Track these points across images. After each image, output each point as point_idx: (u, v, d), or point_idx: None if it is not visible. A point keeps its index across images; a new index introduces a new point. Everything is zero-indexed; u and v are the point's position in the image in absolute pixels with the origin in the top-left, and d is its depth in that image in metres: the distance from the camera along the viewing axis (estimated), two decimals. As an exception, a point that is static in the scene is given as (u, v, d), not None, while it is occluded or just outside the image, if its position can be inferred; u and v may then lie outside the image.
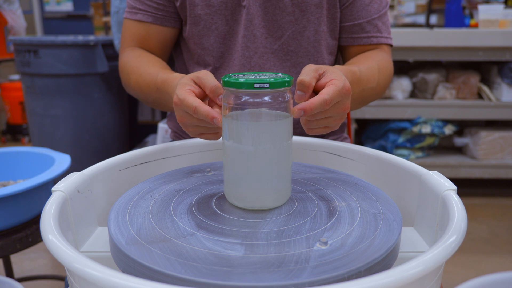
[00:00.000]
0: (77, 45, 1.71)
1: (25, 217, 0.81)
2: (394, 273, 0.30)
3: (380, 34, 0.81)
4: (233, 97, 0.46)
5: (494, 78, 2.15)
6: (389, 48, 0.84)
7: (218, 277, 0.34)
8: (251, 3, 0.77)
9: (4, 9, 3.09)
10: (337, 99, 0.51)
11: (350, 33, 0.82)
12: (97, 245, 0.49)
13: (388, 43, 0.83)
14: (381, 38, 0.81)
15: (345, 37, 0.83)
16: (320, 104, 0.49)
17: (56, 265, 1.59)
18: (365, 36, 0.81)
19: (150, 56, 0.82)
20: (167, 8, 0.81)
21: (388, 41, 0.83)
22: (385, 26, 0.82)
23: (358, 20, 0.80)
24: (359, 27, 0.81)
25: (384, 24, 0.82)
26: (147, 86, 0.75)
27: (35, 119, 1.82)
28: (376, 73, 0.75)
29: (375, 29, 0.81)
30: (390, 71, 0.82)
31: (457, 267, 1.59)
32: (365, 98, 0.76)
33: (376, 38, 0.81)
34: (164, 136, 1.69)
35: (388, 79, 0.81)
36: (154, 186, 0.55)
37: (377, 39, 0.81)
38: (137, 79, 0.77)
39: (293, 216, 0.46)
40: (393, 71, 0.83)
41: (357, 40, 0.82)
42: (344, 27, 0.82)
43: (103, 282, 0.30)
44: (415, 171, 0.54)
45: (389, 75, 0.81)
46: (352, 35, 0.82)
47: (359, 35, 0.81)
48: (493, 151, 2.14)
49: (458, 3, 2.48)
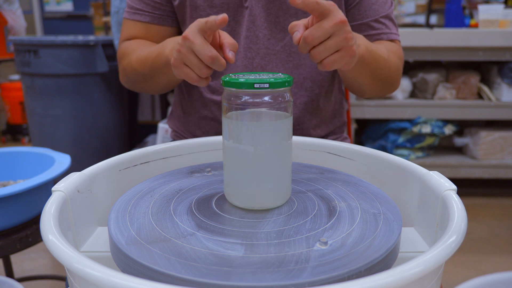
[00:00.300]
0: (77, 45, 1.71)
1: (25, 217, 0.81)
2: (394, 273, 0.30)
3: (389, 31, 0.82)
4: (233, 97, 0.46)
5: (494, 78, 2.15)
6: (399, 43, 0.85)
7: (218, 277, 0.34)
8: (253, 4, 0.77)
9: (4, 9, 3.09)
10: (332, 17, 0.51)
11: (358, 31, 0.81)
12: (97, 245, 0.49)
13: (397, 39, 0.83)
14: (391, 35, 0.82)
15: None
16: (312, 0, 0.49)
17: (56, 265, 1.59)
18: (374, 33, 0.81)
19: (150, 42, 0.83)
20: (164, 7, 0.82)
21: (397, 37, 0.83)
22: (392, 23, 0.82)
23: (366, 19, 0.80)
24: (367, 25, 0.81)
25: (391, 21, 0.82)
26: (148, 54, 0.75)
27: (35, 119, 1.82)
28: (385, 50, 0.75)
29: (384, 26, 0.81)
30: (400, 58, 0.81)
31: (457, 267, 1.59)
32: (378, 68, 0.74)
33: (386, 35, 0.81)
34: (164, 136, 1.69)
35: (398, 63, 0.80)
36: (154, 186, 0.55)
37: (387, 35, 0.81)
38: (139, 53, 0.78)
39: (293, 216, 0.46)
40: (403, 62, 0.83)
41: (367, 37, 0.81)
42: (352, 27, 0.82)
43: (103, 282, 0.30)
44: (415, 171, 0.54)
45: (399, 60, 0.81)
46: (360, 33, 0.81)
47: (369, 33, 0.81)
48: (493, 151, 2.14)
49: (458, 3, 2.48)
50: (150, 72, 0.77)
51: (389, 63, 0.76)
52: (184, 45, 0.56)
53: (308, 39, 0.52)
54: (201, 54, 0.54)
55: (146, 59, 0.76)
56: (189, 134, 0.90)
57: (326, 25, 0.51)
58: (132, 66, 0.80)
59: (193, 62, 0.56)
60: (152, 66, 0.75)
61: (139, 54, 0.78)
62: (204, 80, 0.59)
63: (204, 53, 0.54)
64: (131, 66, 0.80)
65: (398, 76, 0.82)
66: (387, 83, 0.80)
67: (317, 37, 0.52)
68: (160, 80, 0.78)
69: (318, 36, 0.52)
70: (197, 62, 0.56)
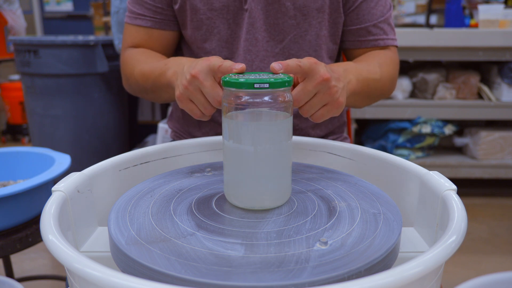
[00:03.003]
0: (77, 45, 1.71)
1: (25, 217, 0.81)
2: (394, 273, 0.30)
3: (386, 36, 0.82)
4: (233, 97, 0.46)
5: (494, 78, 2.15)
6: (395, 48, 0.85)
7: (218, 277, 0.34)
8: (253, 7, 0.77)
9: (4, 9, 3.09)
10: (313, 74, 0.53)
11: (356, 36, 0.82)
12: (97, 245, 0.49)
13: (394, 44, 0.84)
14: (387, 40, 0.82)
15: (351, 40, 0.83)
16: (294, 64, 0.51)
17: (56, 265, 1.59)
18: (372, 39, 0.82)
19: (154, 52, 0.83)
20: (165, 12, 0.81)
21: (393, 43, 0.83)
22: (390, 27, 0.83)
23: (364, 24, 0.81)
24: (366, 30, 0.81)
25: (389, 25, 0.83)
26: (151, 71, 0.75)
27: (35, 119, 1.82)
28: (377, 67, 0.76)
29: (381, 32, 0.81)
30: (394, 67, 0.82)
31: (457, 267, 1.59)
32: (371, 91, 0.76)
33: (382, 41, 0.82)
34: (164, 136, 1.69)
35: (392, 74, 0.81)
36: (154, 186, 0.55)
37: (384, 41, 0.82)
38: (142, 67, 0.78)
39: (293, 216, 0.46)
40: (397, 68, 0.84)
41: (364, 43, 0.82)
42: (350, 31, 0.82)
43: (103, 282, 0.30)
44: (415, 171, 0.54)
45: (393, 70, 0.82)
46: (358, 38, 0.82)
47: (366, 38, 0.82)
48: (493, 151, 2.14)
49: (458, 3, 2.48)
50: (152, 88, 0.78)
51: (382, 82, 0.77)
52: (193, 83, 0.55)
53: (295, 102, 0.55)
54: (210, 97, 0.55)
55: (149, 76, 0.76)
56: (189, 135, 0.90)
57: (309, 87, 0.54)
58: (135, 78, 0.81)
59: (200, 101, 0.57)
60: (154, 83, 0.76)
61: (142, 68, 0.78)
62: (207, 116, 0.60)
63: (213, 96, 0.55)
64: (134, 78, 0.81)
65: (392, 86, 0.83)
66: (381, 96, 0.82)
67: (302, 99, 0.55)
68: (161, 95, 0.79)
69: (303, 99, 0.55)
70: (203, 101, 0.57)
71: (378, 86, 0.77)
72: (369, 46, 0.82)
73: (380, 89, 0.78)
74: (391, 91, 0.83)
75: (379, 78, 0.76)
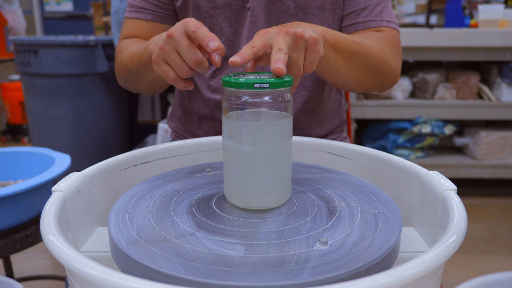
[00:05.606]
0: (77, 45, 1.71)
1: (25, 217, 0.81)
2: (394, 273, 0.30)
3: (379, 18, 0.78)
4: (233, 97, 0.46)
5: (494, 78, 2.15)
6: (392, 30, 0.79)
7: (218, 277, 0.34)
8: (255, 5, 0.77)
9: (4, 9, 3.09)
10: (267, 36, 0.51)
11: (348, 20, 0.80)
12: (97, 245, 0.49)
13: (389, 26, 0.78)
14: (380, 22, 0.78)
15: (344, 25, 0.81)
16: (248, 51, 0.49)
17: (56, 265, 1.59)
18: (361, 21, 0.78)
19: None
20: (167, 6, 0.81)
21: (389, 25, 0.78)
22: (385, 11, 0.79)
23: (356, 7, 0.78)
24: (356, 13, 0.79)
25: (384, 8, 0.79)
26: (136, 50, 0.73)
27: (35, 119, 1.82)
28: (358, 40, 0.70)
29: (373, 14, 0.78)
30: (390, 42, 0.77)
31: (457, 267, 1.59)
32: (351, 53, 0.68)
33: (374, 22, 0.78)
34: (164, 136, 1.69)
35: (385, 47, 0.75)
36: (154, 186, 0.54)
37: (375, 22, 0.78)
38: (130, 50, 0.76)
39: (293, 216, 0.46)
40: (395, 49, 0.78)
41: (355, 26, 0.79)
42: (343, 16, 0.80)
43: (103, 282, 0.30)
44: (415, 171, 0.54)
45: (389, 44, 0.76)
46: (349, 21, 0.79)
47: (356, 21, 0.79)
48: (493, 151, 2.14)
49: (458, 3, 2.48)
50: (137, 68, 0.75)
51: (365, 46, 0.70)
52: (169, 43, 0.54)
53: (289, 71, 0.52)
54: (187, 56, 0.53)
55: (134, 55, 0.74)
56: (189, 134, 0.90)
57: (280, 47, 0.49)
58: (123, 63, 0.79)
59: (175, 61, 0.55)
60: (138, 62, 0.73)
61: (130, 51, 0.76)
62: (181, 81, 0.57)
63: (190, 56, 0.53)
64: (123, 63, 0.79)
65: (390, 63, 0.75)
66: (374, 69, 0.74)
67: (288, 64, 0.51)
68: (146, 77, 0.76)
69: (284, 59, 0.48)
70: (179, 61, 0.55)
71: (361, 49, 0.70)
72: (359, 28, 0.79)
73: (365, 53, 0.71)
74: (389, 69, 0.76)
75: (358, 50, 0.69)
